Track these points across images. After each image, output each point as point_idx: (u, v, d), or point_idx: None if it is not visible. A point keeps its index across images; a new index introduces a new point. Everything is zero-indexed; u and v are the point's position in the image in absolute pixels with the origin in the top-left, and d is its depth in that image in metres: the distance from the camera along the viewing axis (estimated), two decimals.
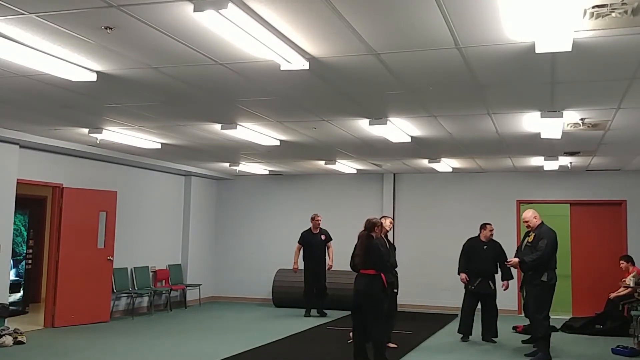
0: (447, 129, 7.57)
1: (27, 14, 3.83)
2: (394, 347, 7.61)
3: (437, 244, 11.87)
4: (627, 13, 3.62)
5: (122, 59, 4.78)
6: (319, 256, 10.89)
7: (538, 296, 7.14)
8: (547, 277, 7.06)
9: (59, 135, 8.39)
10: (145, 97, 6.09)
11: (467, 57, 4.58)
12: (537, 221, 7.34)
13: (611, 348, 7.80)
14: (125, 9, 3.71)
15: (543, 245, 7.05)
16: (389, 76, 5.13)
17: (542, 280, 7.07)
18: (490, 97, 5.88)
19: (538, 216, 7.40)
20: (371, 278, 6.52)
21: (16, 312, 9.88)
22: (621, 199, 11.29)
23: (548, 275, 7.06)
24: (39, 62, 4.73)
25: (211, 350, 7.52)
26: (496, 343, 8.40)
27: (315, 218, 11.07)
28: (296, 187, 13.16)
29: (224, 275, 13.33)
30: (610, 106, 6.19)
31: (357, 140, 8.40)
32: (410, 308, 11.85)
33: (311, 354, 7.56)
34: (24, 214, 11.13)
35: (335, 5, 3.61)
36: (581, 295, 11.19)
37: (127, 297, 10.78)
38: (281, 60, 4.51)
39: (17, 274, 10.75)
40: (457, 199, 12.15)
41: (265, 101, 6.21)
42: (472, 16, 3.76)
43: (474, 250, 8.58)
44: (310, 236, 11.03)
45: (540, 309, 7.11)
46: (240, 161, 11.09)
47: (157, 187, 11.75)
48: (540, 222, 7.34)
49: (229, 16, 3.57)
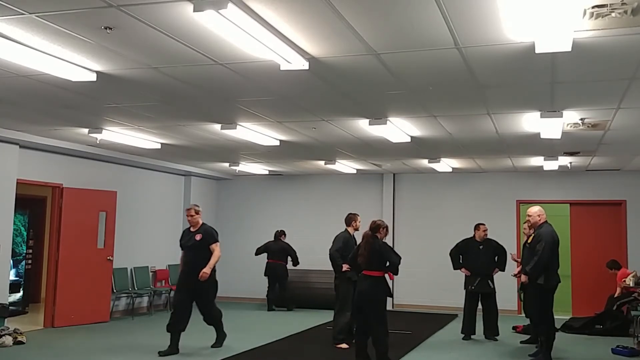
0: (447, 129, 7.57)
1: (27, 14, 3.83)
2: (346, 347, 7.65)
3: (436, 244, 11.86)
4: (627, 13, 3.63)
5: (122, 59, 4.78)
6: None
7: (536, 298, 7.04)
8: (543, 280, 6.79)
9: (59, 135, 8.39)
10: (145, 97, 6.09)
11: (467, 57, 4.58)
12: (539, 219, 7.07)
13: (611, 348, 7.80)
14: (125, 9, 3.71)
15: (540, 249, 6.79)
16: (389, 76, 5.13)
17: (539, 283, 6.84)
18: (490, 97, 5.88)
19: (543, 215, 7.10)
20: (375, 280, 6.50)
21: (16, 312, 9.87)
22: (621, 199, 11.30)
23: (545, 278, 6.79)
24: (39, 62, 4.73)
25: (211, 350, 7.52)
26: (497, 341, 8.42)
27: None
28: (296, 187, 13.16)
29: (224, 275, 13.24)
30: (610, 106, 6.19)
31: (357, 140, 8.40)
32: (410, 308, 11.86)
33: (311, 354, 7.56)
34: (24, 214, 11.14)
35: (335, 6, 3.61)
36: (581, 295, 11.19)
37: (127, 297, 10.78)
38: (281, 60, 4.51)
39: (17, 274, 10.76)
40: (456, 199, 12.15)
41: (265, 101, 6.21)
42: (472, 16, 3.76)
43: (470, 251, 8.66)
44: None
45: (541, 311, 7.03)
46: (240, 161, 11.09)
47: (157, 187, 11.75)
48: (544, 221, 7.06)
49: (228, 16, 3.57)
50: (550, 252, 6.82)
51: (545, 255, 6.78)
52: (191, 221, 7.54)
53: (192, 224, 7.55)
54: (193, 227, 7.56)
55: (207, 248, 7.43)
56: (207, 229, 7.58)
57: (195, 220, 7.54)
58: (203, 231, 7.53)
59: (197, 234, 7.49)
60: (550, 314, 6.99)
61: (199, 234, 7.49)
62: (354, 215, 8.11)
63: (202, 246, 7.43)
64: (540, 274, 6.84)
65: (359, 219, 8.08)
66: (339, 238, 7.90)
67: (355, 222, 8.04)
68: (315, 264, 11.89)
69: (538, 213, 7.15)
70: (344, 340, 7.72)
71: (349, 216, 8.12)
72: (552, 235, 6.93)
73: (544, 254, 6.77)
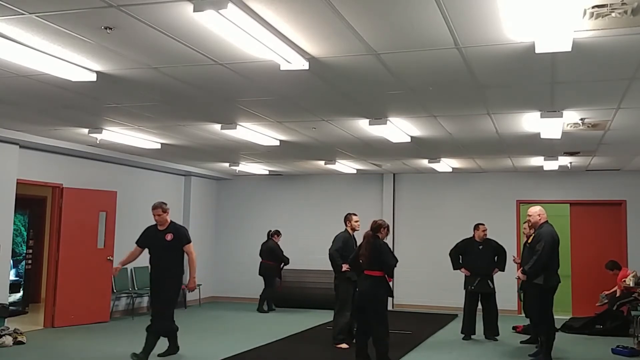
0: (447, 129, 7.56)
1: (27, 14, 3.83)
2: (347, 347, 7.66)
3: (436, 244, 11.85)
4: (627, 13, 3.62)
5: (122, 59, 4.78)
6: None
7: (536, 299, 7.04)
8: (542, 280, 6.79)
9: (59, 135, 8.39)
10: (145, 97, 6.09)
11: (467, 57, 4.58)
12: (539, 219, 7.08)
13: (611, 348, 7.80)
14: (125, 9, 3.71)
15: (540, 248, 6.80)
16: (389, 76, 5.13)
17: (537, 283, 6.84)
18: (490, 97, 5.88)
19: (544, 215, 7.12)
20: (376, 280, 6.49)
21: (16, 312, 9.87)
22: (621, 199, 11.30)
23: (545, 278, 6.79)
24: (39, 62, 4.73)
25: (211, 350, 7.53)
26: (497, 341, 8.43)
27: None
28: (296, 187, 13.16)
29: (224, 275, 13.34)
30: (610, 106, 6.19)
31: (357, 140, 8.40)
32: (410, 308, 11.86)
33: (311, 354, 7.56)
34: (24, 214, 11.14)
35: (335, 6, 3.61)
36: (581, 295, 11.19)
37: (127, 297, 10.78)
38: (281, 60, 4.51)
39: (17, 274, 10.76)
40: (457, 199, 12.15)
41: (265, 101, 6.21)
42: (472, 16, 3.76)
43: (470, 251, 8.67)
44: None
45: (541, 312, 7.02)
46: (240, 161, 11.09)
47: (157, 187, 11.74)
48: (544, 221, 7.07)
49: (228, 16, 3.57)
50: (550, 252, 6.82)
51: (545, 255, 6.78)
52: (159, 220, 6.95)
53: (159, 222, 6.96)
54: (161, 225, 6.97)
55: (180, 249, 6.93)
56: (178, 228, 7.03)
57: (164, 219, 6.95)
58: (174, 230, 6.96)
59: (167, 234, 6.92)
60: (550, 314, 6.99)
61: (169, 234, 6.92)
62: (349, 215, 8.11)
63: (174, 247, 6.90)
64: (538, 273, 6.83)
65: (353, 218, 8.06)
66: (338, 238, 7.90)
67: (350, 222, 8.03)
68: (315, 264, 11.90)
69: (538, 213, 7.16)
70: (344, 340, 7.72)
71: (345, 216, 8.14)
72: (552, 235, 6.93)
73: (544, 252, 6.78)
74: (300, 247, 12.52)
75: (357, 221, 8.07)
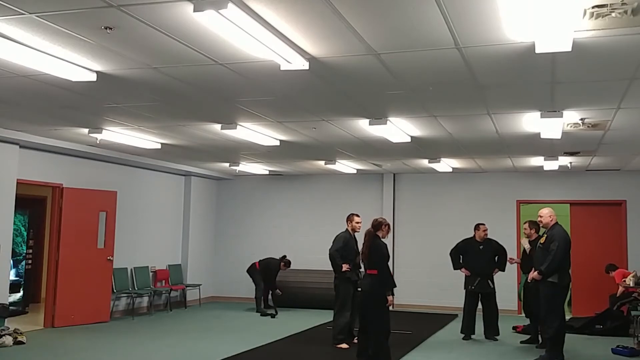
0: (447, 129, 7.57)
1: (27, 14, 3.83)
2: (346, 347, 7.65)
3: (436, 243, 11.86)
4: (627, 13, 3.62)
5: (122, 59, 4.78)
6: None
7: (548, 297, 7.06)
8: (557, 278, 6.97)
9: (59, 135, 8.39)
10: (145, 97, 6.09)
11: (467, 57, 4.58)
12: (550, 220, 7.24)
13: (611, 348, 7.80)
14: (125, 9, 3.71)
15: (555, 248, 6.97)
16: (389, 76, 5.13)
17: (552, 281, 6.98)
18: (490, 97, 5.88)
19: (554, 216, 7.29)
20: (375, 278, 6.49)
21: (16, 312, 9.88)
22: (621, 199, 11.29)
23: (559, 276, 6.97)
24: (39, 62, 4.72)
25: (211, 350, 7.52)
26: (497, 341, 8.43)
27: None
28: (296, 187, 13.16)
29: (224, 275, 13.33)
30: (610, 106, 6.19)
31: (357, 140, 8.40)
32: (410, 308, 11.85)
33: (311, 354, 7.56)
34: (24, 214, 11.14)
35: (335, 6, 3.61)
36: (581, 295, 11.18)
37: (127, 297, 10.78)
38: (281, 60, 4.51)
39: (17, 274, 10.76)
40: (457, 199, 12.15)
41: (265, 101, 6.21)
42: (472, 16, 3.76)
43: (470, 251, 8.68)
44: None
45: (550, 310, 7.03)
46: (240, 161, 11.09)
47: (157, 187, 11.75)
48: (555, 222, 7.25)
49: (229, 16, 3.57)
50: (564, 251, 7.01)
51: (560, 255, 6.96)
52: None
53: None
54: None
55: None
56: None
57: None
58: None
59: None
60: (562, 310, 7.11)
61: None
62: (351, 215, 8.11)
63: None
64: (554, 272, 7.00)
65: (355, 219, 8.07)
66: (339, 238, 7.90)
67: (351, 222, 8.03)
68: (315, 264, 11.89)
69: (549, 214, 7.31)
70: (344, 340, 7.72)
71: (348, 216, 8.15)
72: (565, 236, 7.14)
73: (559, 252, 6.95)
74: (300, 247, 12.52)
75: (359, 222, 8.06)
